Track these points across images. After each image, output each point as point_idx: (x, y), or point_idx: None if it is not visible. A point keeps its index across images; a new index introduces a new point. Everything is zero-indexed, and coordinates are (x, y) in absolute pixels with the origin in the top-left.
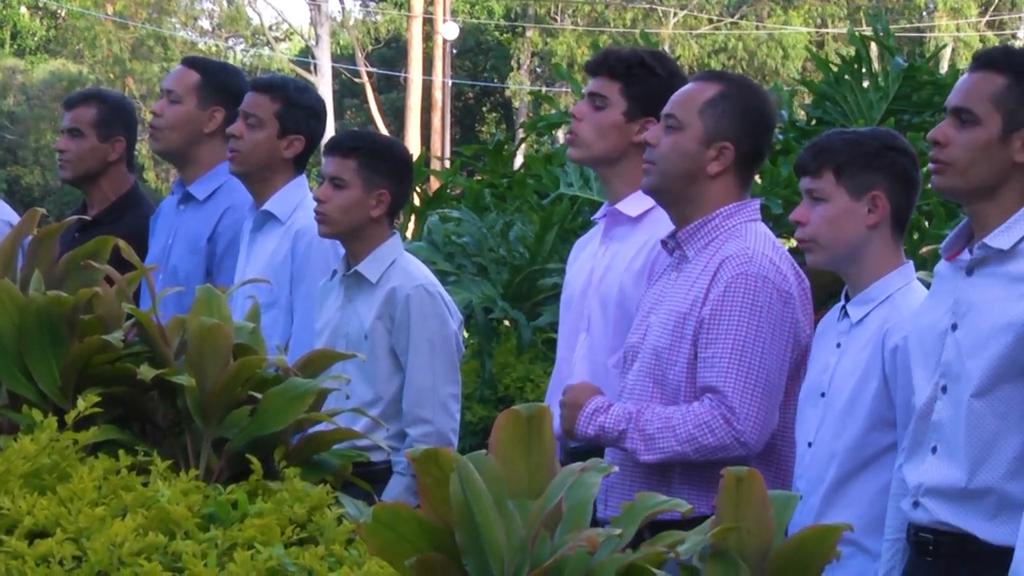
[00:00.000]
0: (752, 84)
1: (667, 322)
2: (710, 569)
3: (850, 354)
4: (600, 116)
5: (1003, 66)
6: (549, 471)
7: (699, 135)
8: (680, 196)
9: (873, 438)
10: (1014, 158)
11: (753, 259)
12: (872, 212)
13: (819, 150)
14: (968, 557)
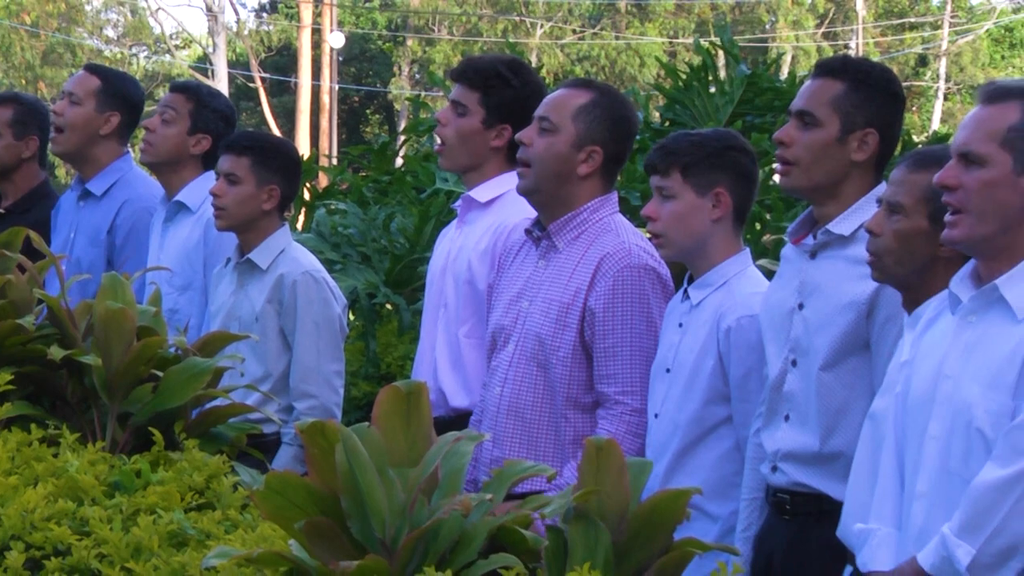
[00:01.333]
0: (620, 94)
1: (548, 311)
2: (573, 530)
3: (690, 333)
4: (461, 123)
5: (841, 73)
6: (426, 441)
7: (571, 139)
8: (552, 196)
9: (710, 411)
10: (851, 157)
11: (632, 252)
12: (716, 207)
13: (667, 152)
14: (822, 516)
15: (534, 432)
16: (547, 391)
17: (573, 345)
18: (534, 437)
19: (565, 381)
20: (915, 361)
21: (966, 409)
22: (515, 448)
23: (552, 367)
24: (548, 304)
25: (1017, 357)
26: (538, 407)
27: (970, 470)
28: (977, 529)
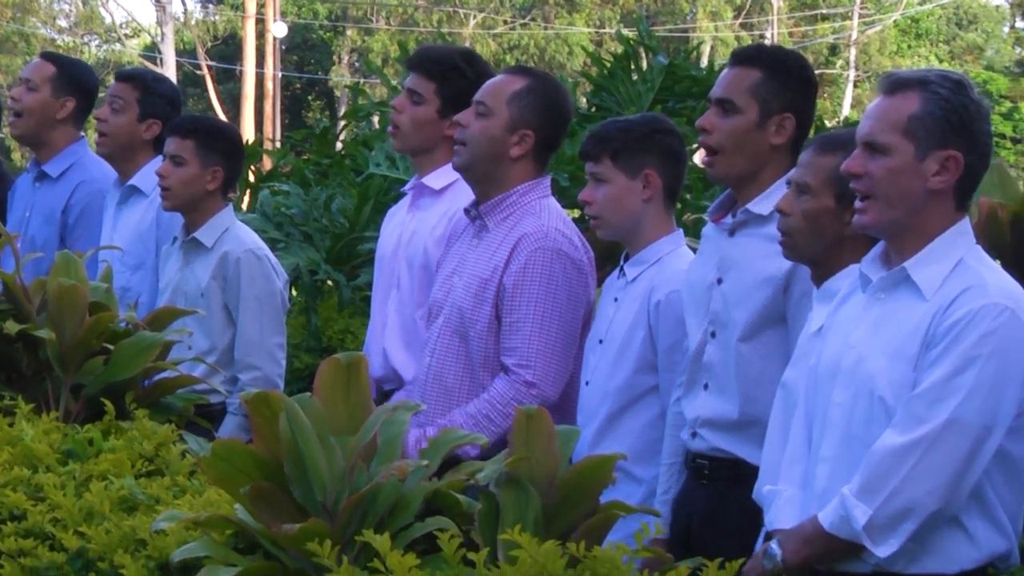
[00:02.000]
0: (556, 82)
1: (470, 285)
2: (505, 494)
3: (624, 307)
4: (417, 111)
5: (757, 61)
6: (365, 411)
7: (505, 122)
8: (485, 175)
9: (639, 380)
10: (770, 141)
11: (548, 235)
12: (646, 188)
13: (598, 139)
14: (739, 480)
15: (454, 399)
16: (467, 361)
17: (489, 319)
18: (455, 404)
19: (482, 352)
20: (826, 334)
21: (870, 379)
22: (439, 415)
23: (471, 339)
24: (471, 279)
25: (920, 332)
26: (459, 376)
27: (871, 436)
28: (875, 491)
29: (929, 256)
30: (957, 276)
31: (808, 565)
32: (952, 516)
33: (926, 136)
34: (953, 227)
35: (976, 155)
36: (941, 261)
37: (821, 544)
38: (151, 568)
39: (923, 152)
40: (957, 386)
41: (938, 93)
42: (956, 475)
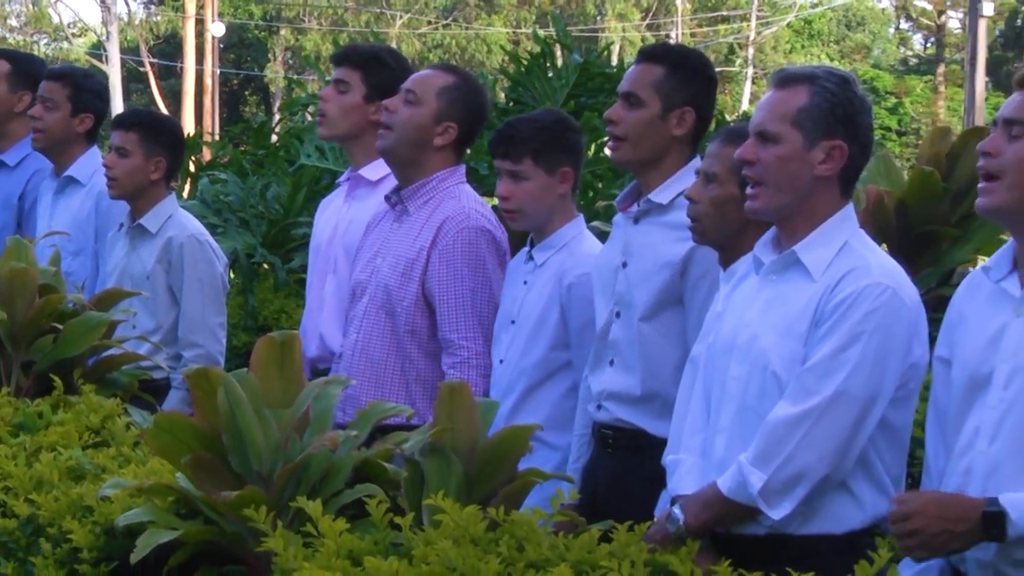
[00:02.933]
0: (479, 82)
1: (396, 265)
2: (429, 462)
3: (535, 289)
4: (344, 99)
5: (662, 59)
6: (298, 385)
7: (432, 112)
8: (407, 159)
9: (554, 356)
10: (672, 132)
11: (470, 215)
12: (563, 183)
13: (517, 140)
14: (640, 449)
15: (382, 372)
16: (394, 336)
17: (416, 296)
18: (382, 377)
19: (409, 326)
20: (724, 314)
21: (763, 354)
22: (366, 387)
23: (398, 315)
24: (397, 260)
25: (809, 311)
26: (386, 350)
27: (765, 407)
28: (769, 459)
29: (816, 240)
30: (842, 258)
31: (708, 528)
32: (840, 481)
33: (813, 127)
34: (838, 212)
35: (859, 145)
36: (827, 244)
37: (720, 508)
38: (97, 533)
39: (811, 141)
40: (844, 361)
41: (825, 87)
42: (844, 443)
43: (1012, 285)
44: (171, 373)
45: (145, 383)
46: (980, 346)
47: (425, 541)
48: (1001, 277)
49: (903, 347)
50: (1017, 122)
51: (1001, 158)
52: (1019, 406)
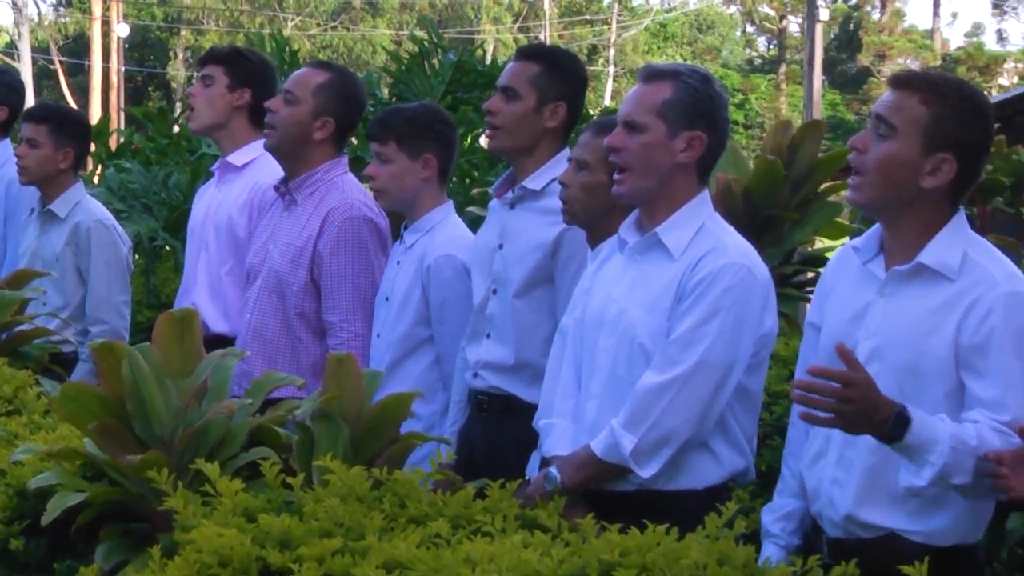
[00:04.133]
0: (353, 75)
1: (286, 252)
2: (318, 427)
3: (404, 269)
4: (209, 91)
5: (538, 57)
6: (197, 357)
7: (310, 109)
8: (291, 154)
9: (416, 331)
10: (545, 124)
11: (354, 206)
12: (425, 168)
13: (384, 125)
14: (512, 413)
15: (274, 350)
16: (284, 318)
17: (305, 281)
18: (274, 354)
19: (299, 308)
20: (592, 290)
21: (631, 328)
22: (259, 363)
23: (288, 298)
24: (286, 247)
25: (671, 288)
26: (277, 330)
27: (633, 376)
28: (638, 423)
29: (676, 222)
30: (700, 239)
31: (583, 486)
32: (702, 441)
33: (676, 118)
34: (696, 197)
35: (716, 136)
36: (686, 226)
37: (594, 468)
38: (10, 495)
39: (673, 131)
40: (704, 333)
41: (688, 83)
42: (705, 407)
43: (877, 267)
44: (79, 347)
45: (55, 356)
46: (846, 319)
47: (315, 499)
48: (868, 259)
49: (756, 320)
50: (884, 121)
51: (866, 156)
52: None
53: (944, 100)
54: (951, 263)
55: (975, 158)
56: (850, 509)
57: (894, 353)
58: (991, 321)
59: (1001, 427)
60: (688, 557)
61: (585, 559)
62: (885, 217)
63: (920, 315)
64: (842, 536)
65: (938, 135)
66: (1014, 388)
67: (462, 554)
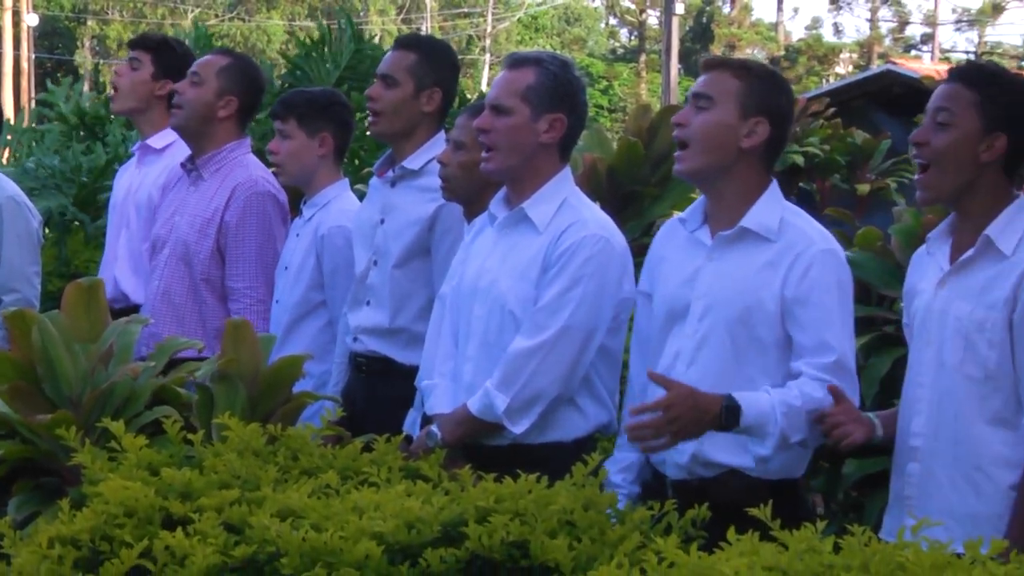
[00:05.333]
0: (252, 61)
1: (193, 223)
2: (217, 387)
3: (302, 240)
4: (135, 75)
5: (415, 46)
6: (103, 324)
7: (214, 89)
8: (197, 132)
9: (311, 296)
10: (422, 109)
11: (258, 182)
12: (322, 146)
13: (286, 104)
14: (390, 375)
15: (181, 314)
16: (191, 284)
17: (211, 250)
18: (182, 317)
19: (205, 275)
20: (466, 261)
21: (502, 296)
22: (168, 327)
23: (194, 266)
24: (193, 218)
25: (538, 259)
26: (184, 295)
27: (505, 341)
28: (511, 384)
29: (540, 197)
30: (563, 213)
31: (461, 442)
32: (569, 398)
33: (539, 101)
34: (558, 174)
35: (576, 118)
36: (550, 201)
37: (471, 425)
38: None
39: (536, 113)
40: (568, 300)
41: (549, 69)
42: (571, 368)
43: (704, 235)
44: None
45: None
46: (678, 283)
47: (214, 454)
48: (695, 228)
49: (616, 286)
50: (702, 96)
51: (690, 128)
52: (712, 337)
53: (751, 73)
54: (771, 225)
55: (783, 122)
56: (695, 450)
57: (725, 309)
58: (811, 275)
59: (822, 375)
60: (557, 503)
61: (463, 506)
62: (708, 186)
63: (746, 274)
64: (686, 477)
65: (750, 101)
66: (835, 331)
67: (350, 503)
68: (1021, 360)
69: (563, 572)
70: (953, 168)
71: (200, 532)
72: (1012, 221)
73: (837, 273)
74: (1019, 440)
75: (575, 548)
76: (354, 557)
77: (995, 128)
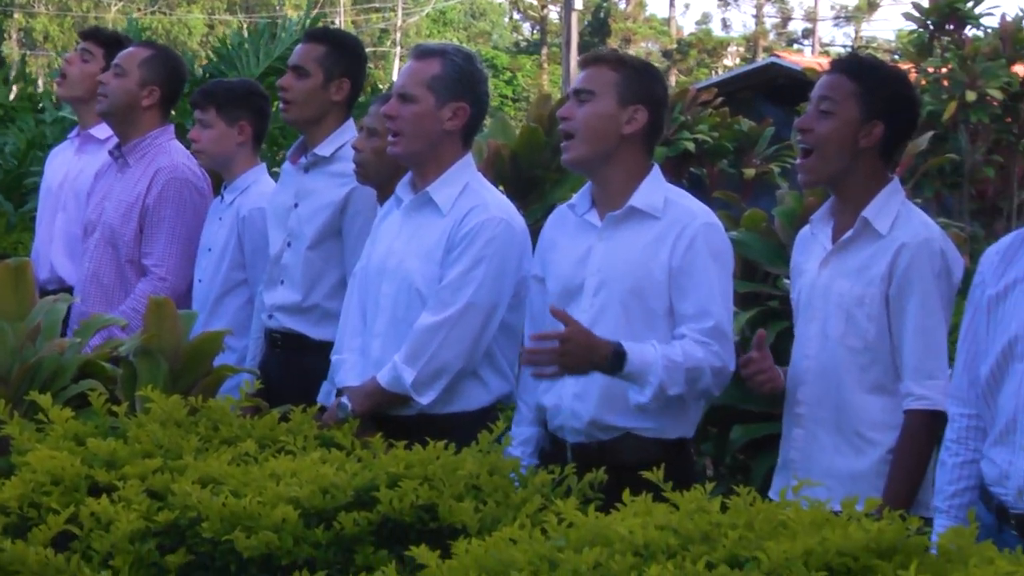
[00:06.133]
0: (175, 53)
1: (119, 208)
2: (140, 362)
3: (224, 222)
4: (86, 67)
5: (323, 39)
6: (31, 302)
7: (137, 80)
8: (122, 120)
9: (233, 275)
10: (332, 98)
11: (178, 168)
12: (241, 135)
13: (206, 93)
14: (303, 350)
15: (110, 293)
16: (118, 265)
17: (135, 232)
18: (110, 297)
19: (130, 257)
20: (376, 242)
21: (409, 275)
22: (98, 306)
23: (120, 248)
24: (119, 203)
25: (443, 240)
26: (112, 276)
27: (412, 317)
28: (417, 358)
29: (444, 181)
30: (465, 197)
31: (371, 412)
32: (472, 371)
33: (443, 91)
34: (461, 160)
35: (478, 107)
36: (453, 185)
37: (380, 397)
38: None
39: (441, 102)
40: (471, 279)
41: (453, 60)
42: (474, 342)
43: (593, 217)
44: None
45: None
46: (571, 264)
47: (137, 425)
48: (584, 212)
49: (515, 265)
50: (583, 91)
51: (575, 120)
52: (606, 310)
53: (627, 65)
54: (656, 204)
55: (659, 108)
56: (593, 415)
57: (617, 284)
58: (694, 247)
59: (703, 338)
60: (463, 468)
61: (375, 472)
62: (595, 173)
63: (636, 249)
64: (584, 440)
65: (628, 91)
66: (714, 299)
67: (268, 470)
68: (897, 332)
69: (469, 533)
70: (834, 154)
71: (124, 499)
72: (887, 203)
73: (717, 245)
74: (896, 406)
75: (480, 511)
76: (272, 521)
77: (873, 116)
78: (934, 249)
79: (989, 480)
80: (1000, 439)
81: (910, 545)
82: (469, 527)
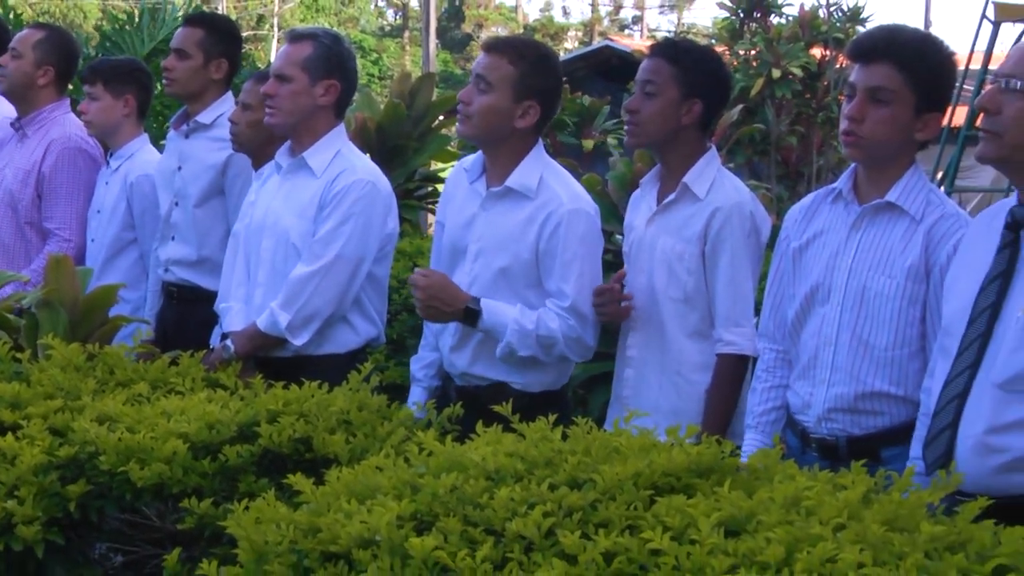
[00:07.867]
0: (67, 32)
1: (17, 175)
2: (41, 313)
3: (111, 188)
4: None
5: (201, 23)
6: None
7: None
8: (21, 97)
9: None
10: (211, 76)
11: (71, 138)
12: (126, 107)
13: (95, 70)
14: (197, 300)
15: (12, 252)
16: (17, 226)
17: (32, 197)
18: (12, 256)
19: (28, 220)
20: (256, 202)
21: (285, 232)
22: (1, 263)
23: (19, 211)
24: (17, 170)
25: (316, 198)
26: (12, 236)
27: (288, 268)
28: (292, 304)
29: (318, 148)
30: (337, 162)
31: (251, 354)
32: (343, 316)
33: (316, 70)
34: (333, 130)
35: (347, 83)
36: (326, 152)
37: (259, 339)
38: None
39: (314, 80)
40: (340, 234)
41: (324, 43)
42: (343, 290)
43: (480, 186)
44: None
45: None
46: (460, 225)
47: (40, 369)
48: (474, 179)
49: (381, 223)
50: (483, 79)
51: (472, 107)
52: (481, 278)
53: (525, 60)
54: (530, 185)
55: (552, 101)
56: (466, 368)
57: (492, 257)
58: (559, 231)
59: (562, 312)
60: (336, 405)
61: (256, 409)
62: (485, 149)
63: (510, 227)
64: (464, 385)
65: (523, 87)
66: (570, 280)
67: (159, 408)
68: (712, 284)
69: (341, 462)
70: (659, 130)
71: (28, 436)
72: (705, 170)
73: (582, 230)
74: (712, 350)
75: (351, 442)
76: (163, 454)
77: (692, 95)
78: (744, 212)
79: (794, 409)
80: (803, 373)
81: (725, 466)
82: (340, 457)
